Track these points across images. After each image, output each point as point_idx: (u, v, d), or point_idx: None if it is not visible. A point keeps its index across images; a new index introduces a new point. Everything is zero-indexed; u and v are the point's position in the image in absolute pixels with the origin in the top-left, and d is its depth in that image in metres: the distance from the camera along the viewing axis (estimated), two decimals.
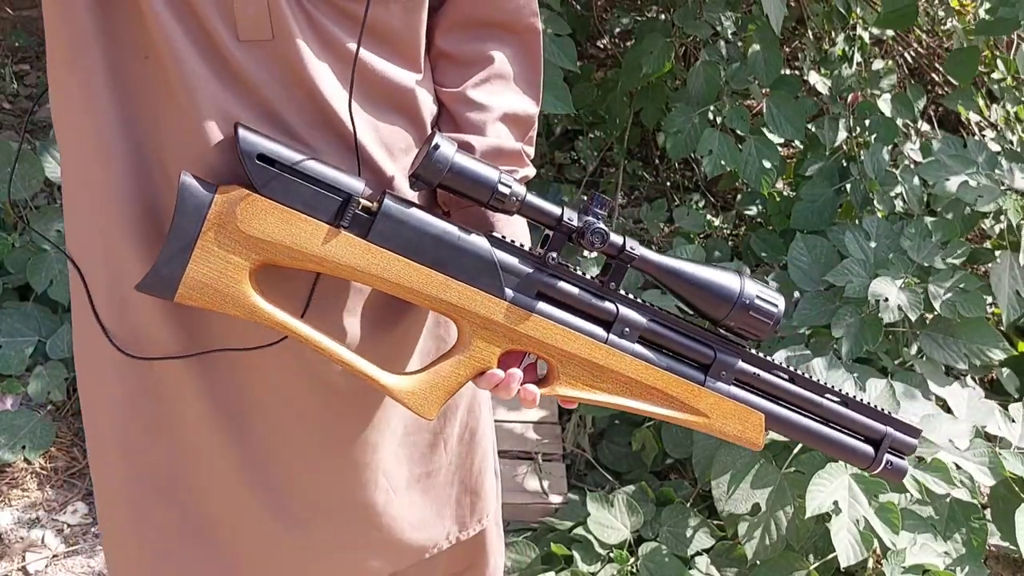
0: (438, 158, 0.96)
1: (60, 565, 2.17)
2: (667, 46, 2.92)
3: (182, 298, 0.94)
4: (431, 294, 0.98)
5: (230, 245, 0.94)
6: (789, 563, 1.94)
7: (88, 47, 0.94)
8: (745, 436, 1.09)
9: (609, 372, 1.04)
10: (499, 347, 1.02)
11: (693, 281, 1.03)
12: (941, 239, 2.38)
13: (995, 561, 2.29)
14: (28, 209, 2.76)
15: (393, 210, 0.97)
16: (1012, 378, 2.55)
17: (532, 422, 2.57)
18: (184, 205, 0.92)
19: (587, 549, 2.06)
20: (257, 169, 0.92)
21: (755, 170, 2.80)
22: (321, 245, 0.95)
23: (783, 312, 1.06)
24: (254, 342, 1.02)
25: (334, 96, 0.98)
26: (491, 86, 1.11)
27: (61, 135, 1.01)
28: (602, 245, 1.01)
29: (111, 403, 1.06)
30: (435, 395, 1.01)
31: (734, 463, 1.98)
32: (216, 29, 0.92)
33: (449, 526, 1.26)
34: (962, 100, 2.94)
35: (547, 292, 1.02)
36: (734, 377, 1.08)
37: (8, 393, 2.47)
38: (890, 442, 1.14)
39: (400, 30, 1.02)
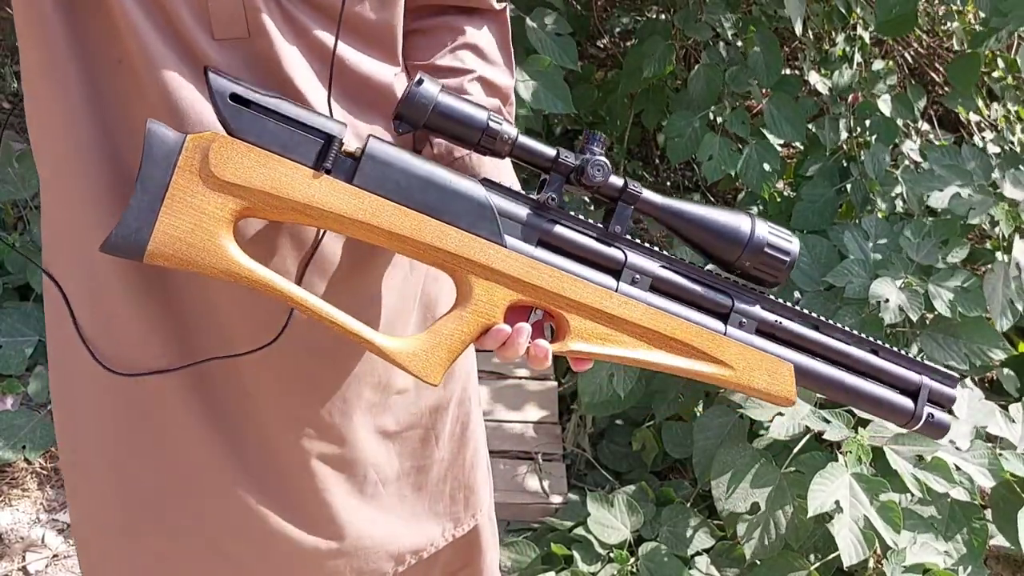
0: (422, 95, 0.89)
1: (60, 565, 2.17)
2: (667, 49, 2.92)
3: (152, 257, 0.85)
4: (426, 242, 0.90)
5: (204, 193, 0.85)
6: (789, 563, 1.94)
7: (61, 53, 0.91)
8: (775, 389, 0.99)
9: (624, 323, 0.95)
10: (504, 298, 0.93)
11: (701, 223, 0.96)
12: (941, 239, 2.38)
13: (995, 561, 2.29)
14: (28, 209, 2.76)
15: (379, 151, 0.90)
16: (1012, 378, 2.55)
17: (532, 422, 2.57)
18: (152, 152, 0.84)
19: (587, 549, 2.06)
20: (230, 109, 0.85)
21: (756, 174, 2.80)
22: (304, 190, 0.87)
23: (798, 252, 0.97)
24: (241, 344, 0.98)
25: (311, 92, 0.95)
26: (461, 53, 1.08)
27: (37, 146, 0.97)
28: (603, 179, 0.93)
29: (98, 426, 1.03)
30: (438, 356, 0.92)
31: (734, 462, 1.98)
32: (190, 28, 0.90)
33: (444, 523, 1.25)
34: (962, 100, 2.94)
35: (548, 239, 0.95)
36: (756, 326, 0.99)
37: (8, 393, 2.47)
38: (928, 393, 1.03)
39: (376, 23, 0.99)
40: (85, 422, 1.04)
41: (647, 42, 2.94)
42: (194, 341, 1.00)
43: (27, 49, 0.93)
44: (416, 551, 1.22)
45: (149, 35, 0.89)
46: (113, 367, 0.98)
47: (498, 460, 2.45)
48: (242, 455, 1.06)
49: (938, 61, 3.54)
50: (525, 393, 2.65)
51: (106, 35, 0.91)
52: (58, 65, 0.92)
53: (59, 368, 1.05)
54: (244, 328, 0.99)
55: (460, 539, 1.28)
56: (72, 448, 1.07)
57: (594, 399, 2.27)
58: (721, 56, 2.89)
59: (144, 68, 0.90)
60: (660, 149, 3.47)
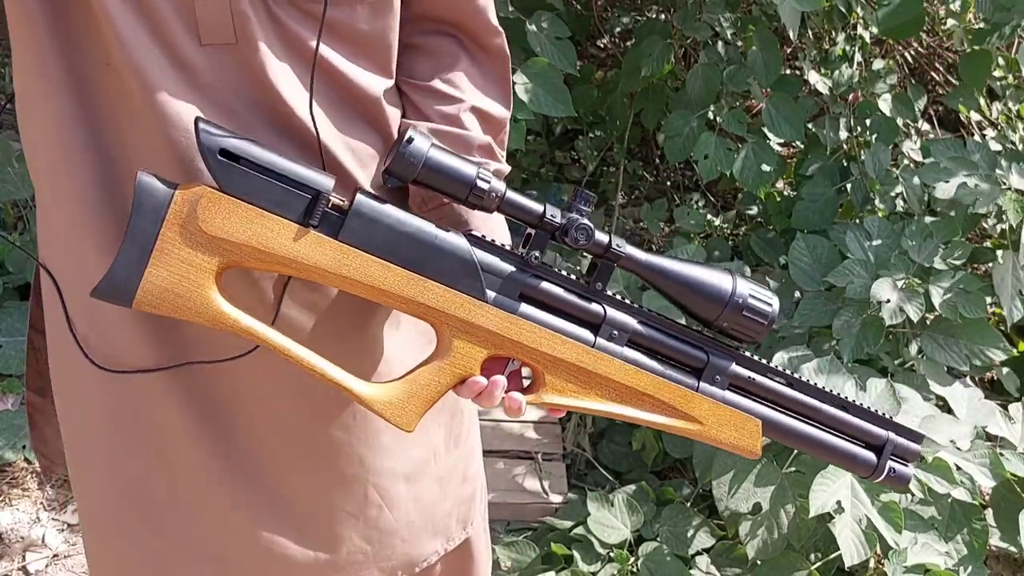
0: (412, 152, 0.91)
1: (60, 565, 2.17)
2: (666, 48, 2.92)
3: (140, 304, 0.87)
4: (408, 296, 0.92)
5: (192, 246, 0.87)
6: (790, 563, 1.94)
7: (50, 56, 0.91)
8: (741, 444, 1.03)
9: (598, 377, 0.98)
10: (481, 352, 0.95)
11: (682, 280, 0.98)
12: (942, 239, 2.38)
13: (995, 561, 2.29)
14: (28, 209, 2.76)
15: (365, 207, 0.91)
16: (1012, 378, 2.55)
17: (532, 422, 2.57)
18: (141, 205, 0.85)
19: (587, 549, 2.06)
20: (220, 166, 0.86)
21: (752, 174, 2.79)
22: (289, 245, 0.89)
23: (778, 312, 1.00)
24: (233, 350, 0.98)
25: (297, 101, 0.94)
26: (461, 80, 1.08)
27: (29, 146, 0.98)
28: (587, 242, 0.95)
29: (92, 419, 1.03)
30: (413, 405, 0.95)
31: (735, 463, 1.98)
32: (177, 33, 0.89)
33: (438, 538, 1.23)
34: (963, 99, 2.94)
35: (530, 293, 0.97)
36: (729, 382, 1.02)
37: (8, 392, 2.46)
38: (892, 448, 1.08)
39: (368, 33, 0.98)
40: (82, 417, 1.05)
41: (646, 41, 2.94)
42: (185, 342, 1.00)
43: (18, 50, 0.93)
44: (409, 566, 1.21)
45: (134, 39, 0.88)
46: (105, 364, 0.98)
47: (498, 460, 2.45)
48: (233, 459, 1.05)
49: (938, 61, 3.54)
50: None
51: (93, 38, 0.91)
52: (48, 67, 0.92)
53: (57, 363, 1.05)
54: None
55: (452, 552, 1.27)
56: (70, 442, 1.08)
57: None
58: (720, 55, 2.89)
59: (129, 72, 0.90)
60: (660, 149, 3.47)
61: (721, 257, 3.02)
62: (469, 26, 1.09)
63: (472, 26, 1.09)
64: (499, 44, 1.11)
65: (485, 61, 1.11)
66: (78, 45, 0.92)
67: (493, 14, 1.10)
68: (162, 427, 1.02)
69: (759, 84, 2.82)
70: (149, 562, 1.08)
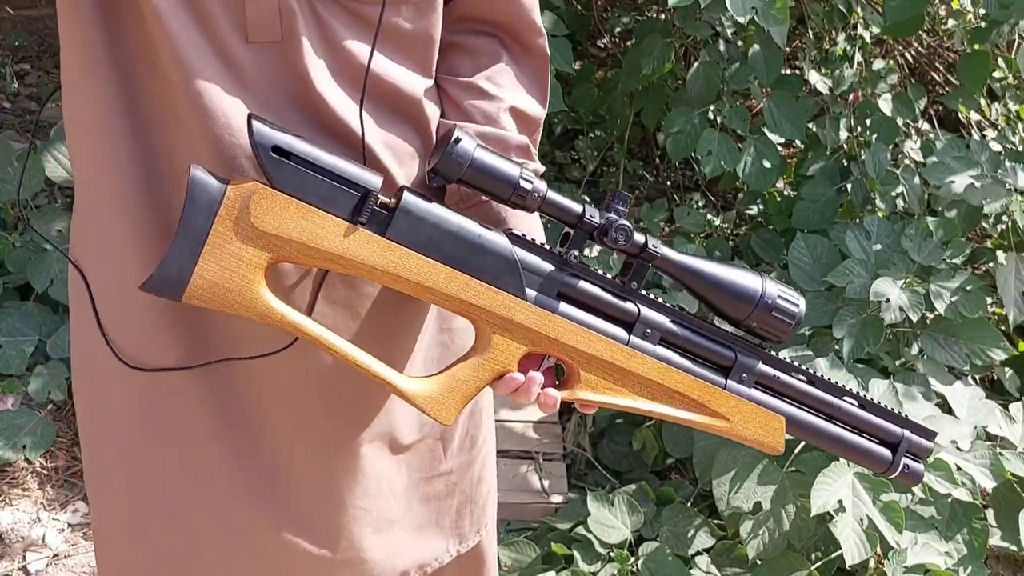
0: (459, 152, 0.93)
1: (60, 564, 2.17)
2: (667, 47, 2.92)
3: (190, 298, 0.88)
4: (451, 293, 0.94)
5: (243, 241, 0.88)
6: (790, 562, 1.94)
7: (97, 55, 0.92)
8: (766, 440, 1.06)
9: (630, 375, 1.01)
10: (520, 349, 0.98)
11: (714, 281, 1.01)
12: (942, 239, 2.38)
13: (996, 561, 2.29)
14: (29, 209, 2.76)
15: (412, 206, 0.93)
16: (1013, 378, 2.55)
17: (532, 421, 2.57)
18: (194, 199, 0.86)
19: (587, 549, 2.06)
20: (272, 162, 0.88)
21: (755, 170, 2.79)
22: (339, 242, 0.90)
23: (804, 312, 1.04)
24: (259, 350, 0.99)
25: (339, 100, 0.96)
26: (501, 79, 1.09)
27: (73, 142, 0.99)
28: (626, 243, 0.98)
29: (115, 417, 1.04)
30: (453, 399, 0.97)
31: (735, 462, 1.98)
32: (225, 31, 0.91)
33: (450, 539, 1.24)
34: (963, 99, 2.94)
35: (568, 292, 0.99)
36: (755, 379, 1.05)
37: (9, 392, 2.46)
38: (907, 445, 1.11)
39: (411, 32, 1.00)
40: (102, 414, 1.05)
41: (646, 40, 2.94)
42: (212, 341, 1.01)
43: (66, 50, 0.95)
44: (421, 566, 1.21)
45: (183, 35, 0.89)
46: (131, 362, 0.99)
47: (498, 459, 2.44)
48: (254, 458, 1.06)
49: (938, 61, 3.54)
50: None
51: (139, 35, 0.92)
52: (94, 64, 0.93)
53: (80, 360, 1.06)
54: (262, 331, 0.99)
55: (464, 555, 1.27)
56: (88, 441, 1.08)
57: None
58: (720, 54, 2.89)
59: (175, 68, 0.90)
60: (660, 148, 3.47)
61: (721, 257, 3.02)
62: (511, 26, 1.10)
63: (515, 26, 1.10)
64: (541, 44, 1.13)
65: (526, 60, 1.12)
66: (124, 42, 0.93)
67: (537, 14, 1.11)
68: (184, 426, 1.03)
69: (760, 83, 2.82)
70: (164, 562, 1.08)
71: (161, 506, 1.06)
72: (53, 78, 4.08)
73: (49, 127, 3.50)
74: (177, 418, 1.03)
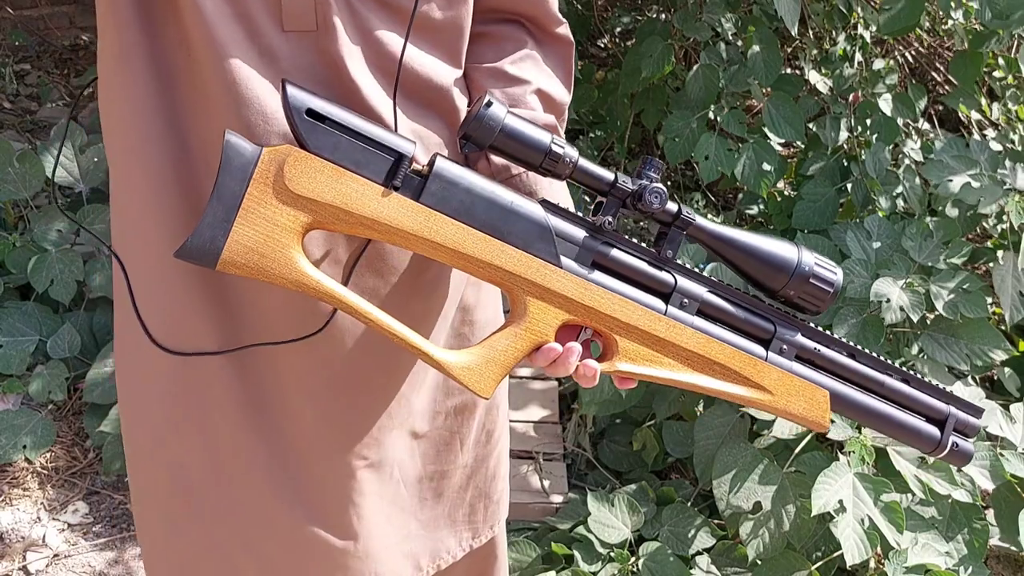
0: (490, 116, 0.92)
1: (61, 564, 2.17)
2: (666, 49, 2.92)
3: (225, 265, 0.87)
4: (486, 260, 0.92)
5: (278, 206, 0.87)
6: (790, 562, 1.94)
7: (133, 43, 0.94)
8: (811, 415, 1.01)
9: (671, 346, 0.97)
10: (557, 318, 0.95)
11: (750, 250, 0.98)
12: (943, 239, 2.38)
13: (996, 561, 2.29)
14: (29, 209, 2.76)
15: (446, 171, 0.92)
16: (1013, 378, 2.55)
17: (533, 421, 2.57)
18: (229, 163, 0.86)
19: (588, 549, 2.06)
20: (306, 125, 0.87)
21: (753, 173, 2.80)
22: (373, 206, 0.89)
23: (842, 281, 1.00)
24: (290, 335, 1.00)
25: (372, 89, 0.97)
26: (527, 63, 1.10)
27: (107, 130, 1.00)
28: (660, 206, 0.95)
29: (147, 400, 1.05)
30: (491, 370, 0.95)
31: (735, 462, 1.98)
32: (261, 19, 0.92)
33: (463, 532, 1.25)
34: (963, 99, 2.94)
35: (602, 261, 0.97)
36: (794, 352, 1.02)
37: (9, 392, 2.46)
38: (954, 423, 1.06)
39: (442, 22, 1.00)
40: (138, 398, 1.06)
41: (646, 42, 2.94)
42: (242, 328, 1.02)
43: (104, 37, 0.96)
44: (434, 557, 1.22)
45: (219, 24, 0.91)
46: (165, 344, 1.00)
47: None
48: (276, 446, 1.06)
49: (939, 61, 3.54)
50: (526, 392, 2.65)
51: (175, 24, 0.93)
52: (130, 55, 0.94)
53: (120, 346, 1.07)
54: (290, 319, 1.00)
55: (477, 550, 1.28)
56: (126, 424, 1.09)
57: (595, 398, 2.27)
58: (720, 56, 2.89)
59: (210, 56, 0.92)
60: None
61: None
62: (534, 15, 1.11)
63: (537, 15, 1.11)
64: (563, 31, 1.13)
65: (550, 46, 1.13)
66: (160, 30, 0.94)
67: (555, 4, 1.12)
68: (211, 410, 1.04)
69: (759, 84, 2.82)
70: (190, 548, 1.09)
71: (182, 491, 1.07)
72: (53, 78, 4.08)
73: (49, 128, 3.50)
74: (204, 402, 1.04)
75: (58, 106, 3.83)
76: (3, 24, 4.22)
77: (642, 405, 2.42)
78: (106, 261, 2.61)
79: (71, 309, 2.67)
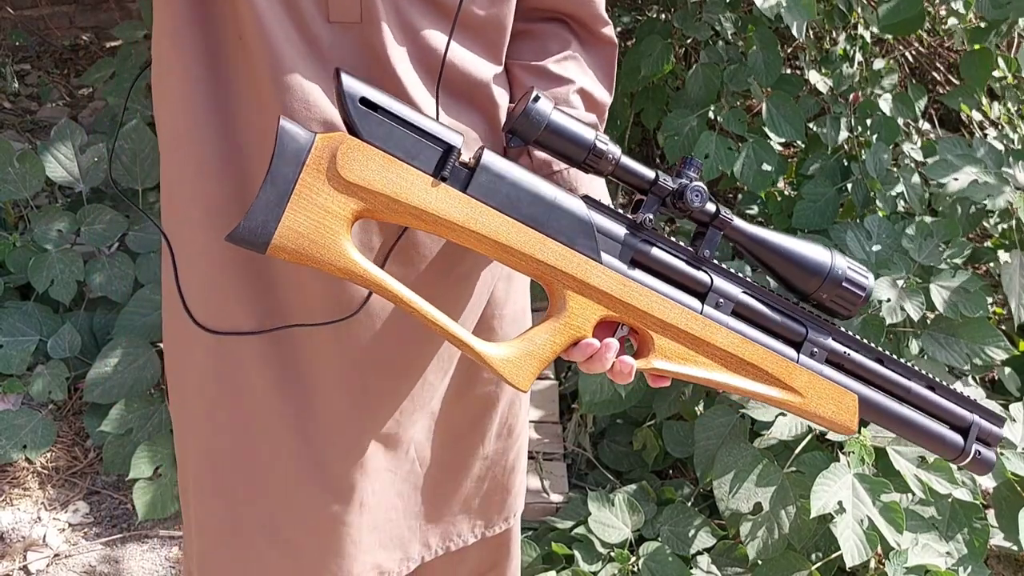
0: (537, 111, 0.93)
1: (61, 564, 2.17)
2: (666, 48, 2.92)
3: (275, 250, 0.88)
4: (528, 253, 0.93)
5: (329, 192, 0.88)
6: (791, 563, 1.94)
7: (186, 26, 0.95)
8: (839, 419, 1.02)
9: (706, 345, 0.99)
10: (596, 313, 0.96)
11: (784, 253, 0.99)
12: (942, 238, 2.38)
13: (996, 561, 2.29)
14: (29, 209, 2.76)
15: (492, 164, 0.93)
16: (1013, 377, 2.55)
17: (533, 421, 2.57)
18: (283, 149, 0.87)
19: (588, 548, 2.06)
20: (360, 113, 0.88)
21: (753, 173, 2.80)
22: (423, 196, 0.90)
23: (873, 286, 1.01)
24: (324, 317, 1.02)
25: (412, 83, 0.98)
26: (570, 63, 1.11)
27: (159, 114, 1.01)
28: (701, 204, 0.96)
29: (190, 380, 1.08)
30: (530, 363, 0.96)
31: (735, 462, 1.98)
32: (307, 10, 0.93)
33: (475, 520, 1.27)
34: (963, 98, 2.94)
35: (641, 259, 0.98)
36: (825, 356, 1.03)
37: (9, 392, 2.47)
38: (977, 431, 1.08)
39: (484, 19, 1.01)
40: (183, 379, 1.09)
41: (645, 41, 2.94)
42: (279, 309, 1.03)
43: (158, 20, 0.97)
44: (444, 538, 1.24)
45: (269, 13, 0.92)
46: (205, 323, 1.02)
47: None
48: (304, 428, 1.08)
49: (939, 60, 3.54)
50: None
51: (228, 13, 0.95)
52: (183, 38, 0.96)
53: (168, 328, 1.10)
54: (325, 302, 1.02)
55: (491, 540, 1.30)
56: (174, 405, 1.12)
57: (595, 398, 2.27)
58: (720, 55, 2.89)
59: (260, 45, 0.93)
60: (660, 148, 3.47)
61: (722, 256, 3.02)
62: (579, 14, 1.12)
63: (582, 15, 1.12)
64: (608, 32, 1.14)
65: (594, 47, 1.14)
66: (213, 18, 0.96)
67: (602, 4, 1.13)
68: (243, 391, 1.06)
69: (759, 84, 2.82)
70: (215, 528, 1.11)
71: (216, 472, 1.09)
72: (53, 78, 4.08)
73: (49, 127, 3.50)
74: (240, 380, 1.05)
75: (58, 106, 3.83)
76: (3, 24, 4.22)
77: (642, 405, 2.42)
78: (106, 261, 2.61)
79: (71, 309, 2.67)
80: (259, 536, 1.11)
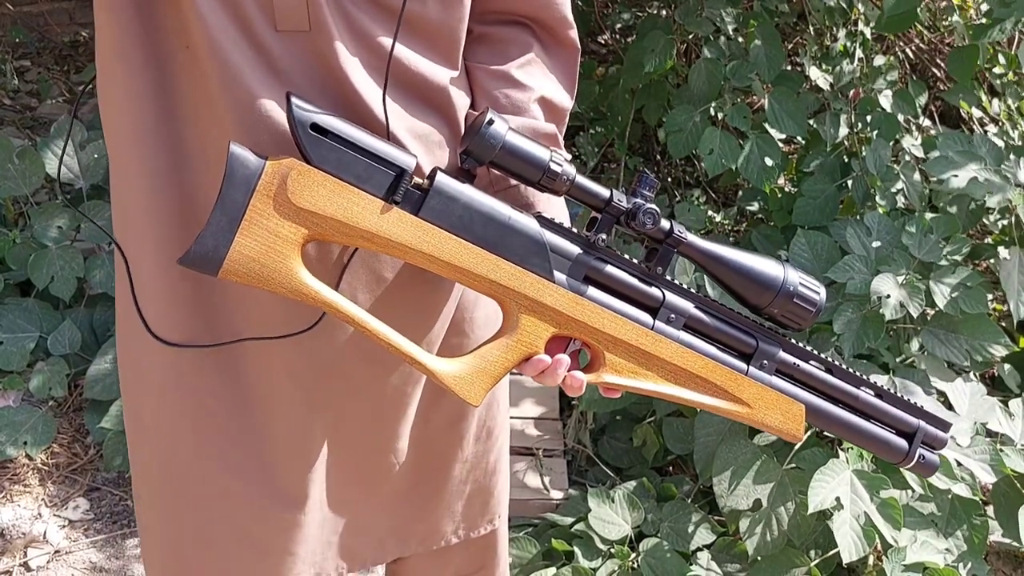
0: (492, 134, 0.94)
1: (62, 561, 2.17)
2: (668, 43, 2.91)
3: (226, 273, 0.89)
4: (481, 274, 0.95)
5: (279, 219, 0.89)
6: (790, 559, 1.94)
7: (131, 37, 0.94)
8: (786, 427, 1.06)
9: (656, 359, 1.01)
10: (547, 331, 0.98)
11: (737, 268, 1.02)
12: (942, 235, 2.38)
13: (996, 557, 2.29)
14: (29, 205, 2.76)
15: (445, 186, 0.94)
16: (1013, 374, 2.55)
17: (533, 418, 2.57)
18: (233, 175, 0.87)
19: (588, 545, 2.06)
20: (311, 139, 0.89)
21: (756, 168, 2.79)
22: (374, 220, 0.91)
23: (824, 301, 1.04)
24: (277, 329, 1.01)
25: (366, 89, 0.97)
26: (532, 68, 1.11)
27: (106, 125, 1.01)
28: (654, 226, 0.99)
29: (147, 390, 1.07)
30: (481, 380, 0.98)
31: (735, 459, 1.98)
32: (255, 18, 0.92)
33: (458, 522, 1.26)
34: (963, 95, 2.93)
35: (594, 276, 1.00)
36: (775, 367, 1.06)
37: (10, 389, 2.47)
38: (923, 436, 1.12)
39: (437, 24, 1.01)
40: (135, 384, 1.08)
41: (647, 37, 2.94)
42: (235, 321, 1.03)
43: (101, 31, 0.96)
44: (423, 539, 1.23)
45: (215, 22, 0.91)
46: (160, 334, 1.02)
47: None
48: (265, 436, 1.07)
49: (939, 57, 3.53)
50: (526, 389, 2.65)
51: (174, 21, 0.94)
52: (127, 48, 0.95)
53: (121, 331, 1.09)
54: (284, 313, 1.01)
55: (476, 542, 1.29)
56: (127, 414, 1.11)
57: (595, 395, 2.27)
58: (722, 51, 2.89)
59: (208, 54, 0.92)
60: (661, 145, 3.46)
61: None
62: (541, 17, 1.12)
63: (545, 18, 1.12)
64: (572, 36, 1.14)
65: (556, 51, 1.14)
66: (158, 27, 0.95)
67: (568, 7, 1.13)
68: (203, 399, 1.05)
69: (761, 79, 2.82)
70: (181, 534, 1.10)
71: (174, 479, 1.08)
72: (53, 75, 4.08)
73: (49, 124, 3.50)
74: (198, 392, 1.05)
75: (58, 102, 3.83)
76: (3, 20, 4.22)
77: (642, 402, 2.42)
78: (106, 257, 2.61)
79: (71, 305, 2.67)
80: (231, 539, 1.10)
